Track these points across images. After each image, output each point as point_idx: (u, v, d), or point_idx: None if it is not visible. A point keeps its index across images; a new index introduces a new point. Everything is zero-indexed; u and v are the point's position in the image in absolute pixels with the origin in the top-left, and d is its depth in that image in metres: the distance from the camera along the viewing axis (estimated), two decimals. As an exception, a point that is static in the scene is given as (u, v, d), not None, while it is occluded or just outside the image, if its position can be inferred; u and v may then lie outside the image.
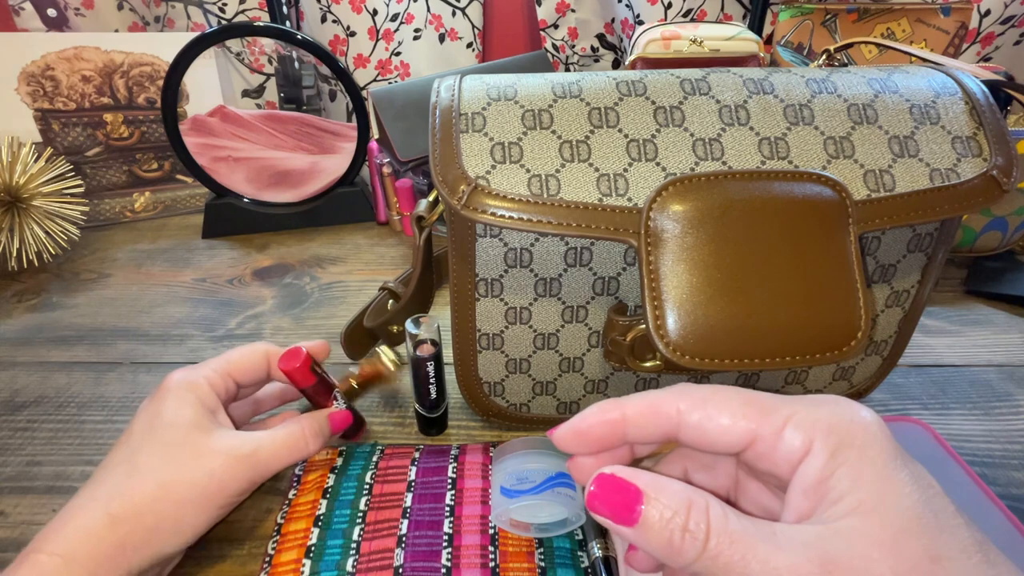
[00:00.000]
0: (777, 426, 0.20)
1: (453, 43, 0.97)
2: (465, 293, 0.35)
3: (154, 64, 0.72)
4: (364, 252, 0.67)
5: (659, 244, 0.30)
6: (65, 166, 0.65)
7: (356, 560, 0.30)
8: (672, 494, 0.19)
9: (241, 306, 0.57)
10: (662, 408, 0.22)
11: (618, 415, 0.22)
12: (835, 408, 0.20)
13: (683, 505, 0.19)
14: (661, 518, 0.19)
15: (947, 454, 0.37)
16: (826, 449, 0.19)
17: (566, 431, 0.23)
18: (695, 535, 0.19)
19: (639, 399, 0.22)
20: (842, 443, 0.19)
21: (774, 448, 0.20)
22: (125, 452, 0.31)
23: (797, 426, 0.20)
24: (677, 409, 0.21)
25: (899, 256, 0.36)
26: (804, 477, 0.20)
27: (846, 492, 0.19)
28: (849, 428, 0.20)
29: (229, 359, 0.36)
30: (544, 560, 0.30)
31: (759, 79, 0.33)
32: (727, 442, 0.21)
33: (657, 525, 0.19)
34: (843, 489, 0.19)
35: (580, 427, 0.23)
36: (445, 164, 0.31)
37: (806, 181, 0.31)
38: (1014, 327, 0.51)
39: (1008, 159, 0.32)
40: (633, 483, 0.20)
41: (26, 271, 0.63)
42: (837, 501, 0.19)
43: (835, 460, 0.19)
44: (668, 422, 0.22)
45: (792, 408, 0.20)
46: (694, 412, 0.21)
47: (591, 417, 0.23)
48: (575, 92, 0.32)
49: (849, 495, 0.19)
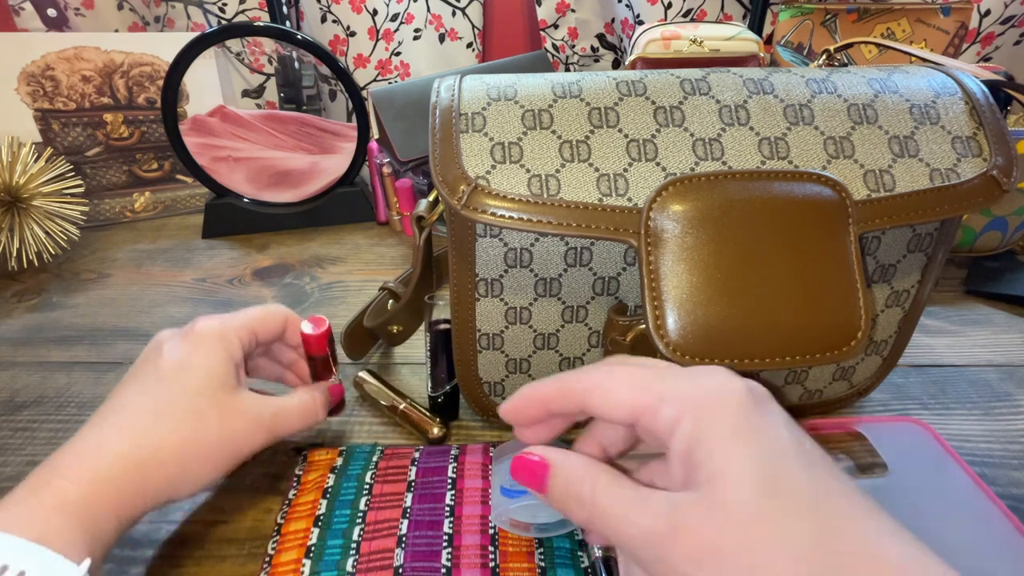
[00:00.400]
0: (654, 403, 0.23)
1: (453, 43, 0.97)
2: (465, 293, 0.35)
3: (154, 64, 0.72)
4: (364, 252, 0.67)
5: (659, 244, 0.30)
6: (65, 166, 0.65)
7: (356, 560, 0.30)
8: (570, 468, 0.24)
9: (241, 306, 0.56)
10: (571, 391, 0.25)
11: (540, 398, 0.26)
12: (704, 381, 0.23)
13: (576, 476, 0.24)
14: (559, 487, 0.24)
15: (947, 454, 0.37)
16: (690, 423, 0.22)
17: (505, 411, 0.27)
18: (581, 502, 0.23)
19: (555, 382, 0.26)
20: (702, 417, 0.22)
21: (654, 422, 0.23)
22: (152, 392, 0.30)
23: (670, 403, 0.23)
24: (583, 389, 0.25)
25: (899, 256, 0.36)
26: (676, 449, 0.22)
27: (703, 462, 0.21)
28: (709, 402, 0.22)
29: (254, 316, 0.36)
30: (544, 560, 0.30)
31: (759, 79, 0.33)
32: (620, 417, 0.24)
33: (557, 492, 0.24)
34: (700, 459, 0.21)
35: (514, 408, 0.27)
36: (445, 164, 0.31)
37: (806, 181, 0.31)
38: (1014, 327, 0.51)
39: (1008, 159, 0.32)
40: (542, 458, 0.25)
41: (26, 271, 0.63)
42: (698, 469, 0.21)
43: (696, 434, 0.22)
44: (576, 401, 0.25)
45: (669, 385, 0.23)
46: (592, 392, 0.25)
47: (518, 399, 0.27)
48: (575, 92, 0.32)
49: (705, 465, 0.21)
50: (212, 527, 0.34)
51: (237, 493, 0.36)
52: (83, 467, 0.27)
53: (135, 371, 0.32)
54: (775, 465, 0.21)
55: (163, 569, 0.32)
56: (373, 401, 0.42)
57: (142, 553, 0.33)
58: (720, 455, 0.21)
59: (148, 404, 0.30)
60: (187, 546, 0.33)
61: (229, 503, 0.36)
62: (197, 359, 0.32)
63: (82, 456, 0.27)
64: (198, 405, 0.30)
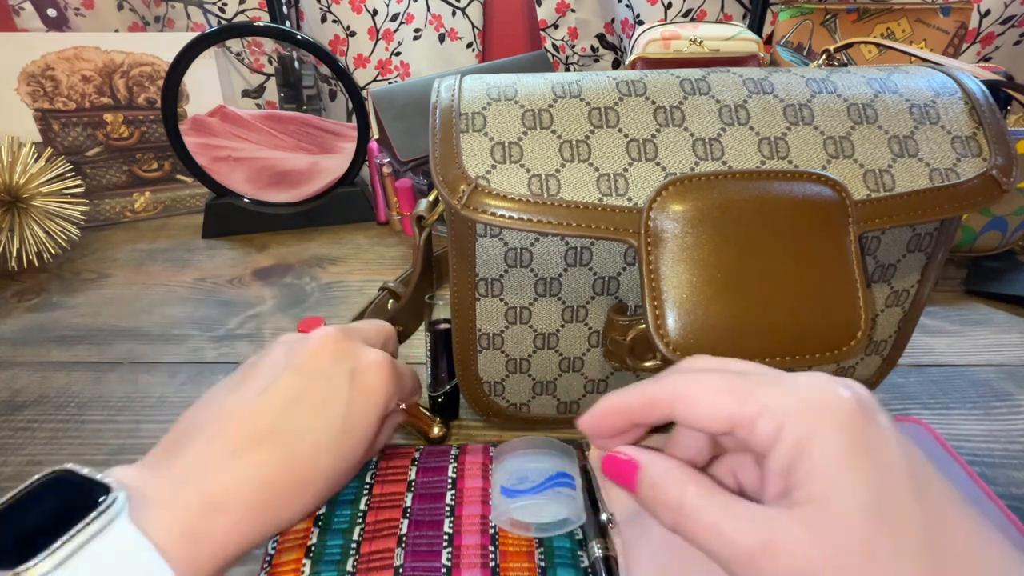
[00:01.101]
0: (752, 413, 0.22)
1: (453, 43, 0.97)
2: (465, 293, 0.35)
3: (154, 64, 0.72)
4: (364, 252, 0.67)
5: (659, 244, 0.30)
6: (65, 166, 0.65)
7: (356, 560, 0.30)
8: (659, 469, 0.23)
9: (241, 306, 0.57)
10: (656, 400, 0.24)
11: (623, 409, 0.25)
12: (809, 394, 0.21)
13: (665, 481, 0.23)
14: (648, 488, 0.23)
15: (947, 454, 0.37)
16: (791, 438, 0.20)
17: (584, 424, 0.27)
18: (668, 506, 0.22)
19: (636, 392, 0.25)
20: (805, 432, 0.20)
21: (751, 434, 0.22)
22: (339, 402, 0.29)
23: (769, 414, 0.21)
24: (668, 400, 0.24)
25: (899, 256, 0.36)
26: (774, 462, 0.21)
27: (804, 481, 0.20)
28: (816, 417, 0.20)
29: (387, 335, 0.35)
30: (544, 560, 0.30)
31: (759, 79, 0.33)
32: (714, 427, 0.23)
33: (646, 493, 0.24)
34: (802, 478, 0.20)
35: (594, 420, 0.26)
36: (445, 164, 0.31)
37: (806, 181, 0.31)
38: (1014, 327, 0.51)
39: (1008, 159, 0.32)
40: (633, 459, 0.24)
41: (26, 271, 0.63)
42: (798, 487, 0.20)
43: (799, 448, 0.20)
44: (663, 411, 0.24)
45: (768, 395, 0.22)
46: (679, 402, 0.23)
47: (600, 411, 0.26)
48: (575, 92, 0.32)
49: (806, 484, 0.20)
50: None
51: (237, 493, 0.36)
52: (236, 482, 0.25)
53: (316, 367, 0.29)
54: (887, 488, 0.19)
55: (163, 569, 0.32)
56: None
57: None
58: (826, 474, 0.19)
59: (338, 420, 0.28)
60: (187, 546, 0.33)
61: (229, 503, 0.36)
62: (381, 388, 0.30)
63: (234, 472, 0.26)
64: (364, 433, 0.30)
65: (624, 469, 0.24)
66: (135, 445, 0.40)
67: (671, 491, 0.22)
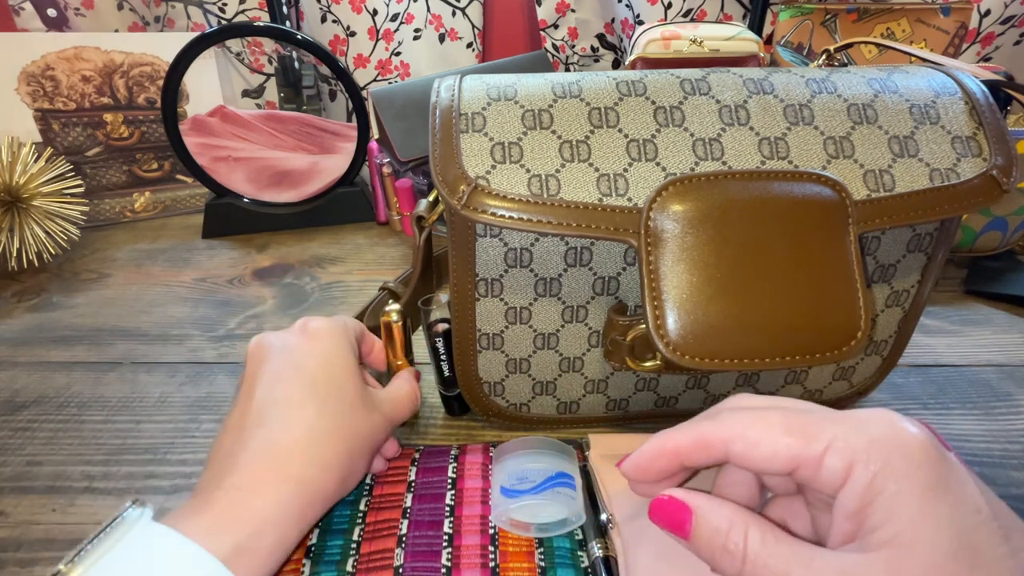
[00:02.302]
0: (818, 452, 0.21)
1: (453, 43, 0.97)
2: (465, 293, 0.35)
3: (154, 64, 0.72)
4: (364, 252, 0.67)
5: (659, 244, 0.30)
6: (65, 166, 0.65)
7: (356, 560, 0.30)
8: (717, 516, 0.22)
9: (241, 306, 0.57)
10: (709, 442, 0.23)
11: (672, 451, 0.24)
12: (878, 432, 0.20)
13: (724, 525, 0.21)
14: (705, 535, 0.22)
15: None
16: (865, 477, 0.19)
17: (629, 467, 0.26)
18: (733, 555, 0.21)
19: (688, 433, 0.24)
20: (881, 471, 0.19)
21: (817, 473, 0.21)
22: (313, 402, 0.29)
23: (837, 452, 0.20)
24: (723, 440, 0.23)
25: (899, 256, 0.36)
26: (845, 503, 0.20)
27: (883, 522, 0.19)
28: (890, 455, 0.20)
29: (349, 319, 0.36)
30: (544, 560, 0.30)
31: (759, 79, 0.33)
32: (773, 468, 0.22)
33: (702, 540, 0.22)
34: (880, 519, 0.19)
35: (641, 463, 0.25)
36: (445, 164, 0.31)
37: (806, 181, 0.31)
38: (1014, 327, 0.51)
39: (1008, 159, 0.32)
40: (686, 503, 0.23)
41: (26, 271, 0.63)
42: (875, 530, 0.19)
43: (873, 489, 0.19)
44: (717, 452, 0.23)
45: (834, 432, 0.21)
46: (737, 443, 0.22)
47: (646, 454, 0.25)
48: (575, 92, 0.32)
49: (886, 526, 0.19)
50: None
51: (237, 493, 0.36)
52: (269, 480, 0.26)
53: (273, 371, 0.30)
54: (971, 530, 0.18)
55: (163, 569, 0.32)
56: None
57: (142, 553, 0.33)
58: (907, 516, 0.19)
59: (314, 419, 0.28)
60: (187, 546, 0.33)
61: (229, 503, 0.36)
62: (337, 355, 0.31)
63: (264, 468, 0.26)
64: (351, 408, 0.30)
65: (676, 514, 0.23)
66: (135, 445, 0.40)
67: (733, 536, 0.21)
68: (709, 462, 0.24)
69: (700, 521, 0.22)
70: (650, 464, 0.25)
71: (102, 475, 0.38)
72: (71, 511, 0.36)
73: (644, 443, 0.25)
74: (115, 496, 0.37)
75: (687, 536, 0.22)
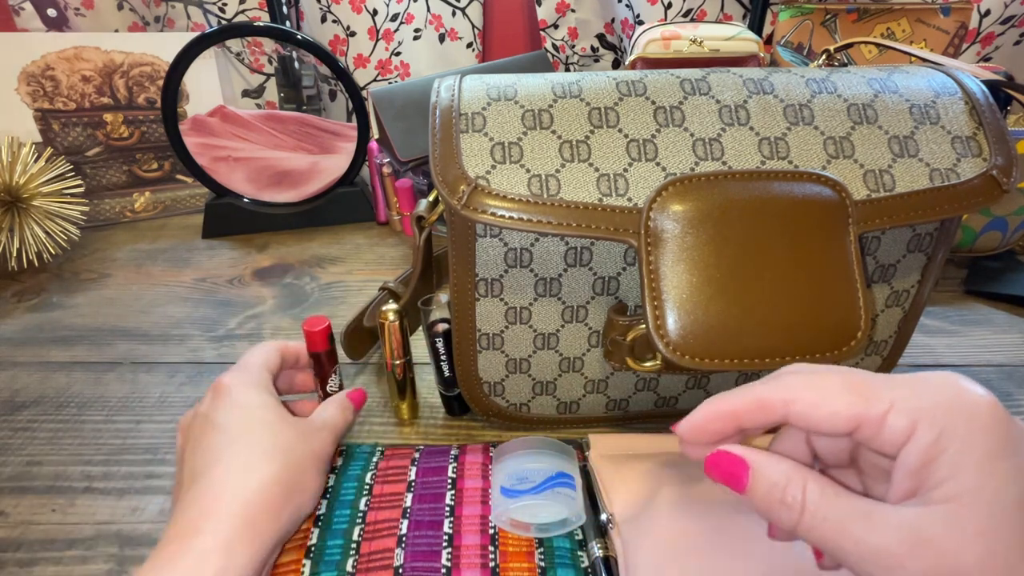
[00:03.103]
0: (881, 411, 0.21)
1: (453, 43, 0.97)
2: (465, 293, 0.35)
3: (154, 64, 0.72)
4: (364, 252, 0.67)
5: (659, 244, 0.30)
6: (65, 166, 0.65)
7: (356, 560, 0.30)
8: (774, 469, 0.22)
9: (241, 306, 0.57)
10: (769, 402, 0.23)
11: (730, 410, 0.24)
12: (944, 393, 0.21)
13: (782, 479, 0.22)
14: (763, 488, 0.22)
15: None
16: (929, 435, 0.20)
17: (687, 427, 0.25)
18: (791, 507, 0.21)
19: (746, 394, 0.24)
20: (945, 430, 0.20)
21: (878, 432, 0.21)
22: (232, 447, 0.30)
23: (901, 411, 0.21)
24: (783, 400, 0.23)
25: (899, 256, 0.36)
26: (907, 460, 0.20)
27: (946, 478, 0.19)
28: (954, 414, 0.20)
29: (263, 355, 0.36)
30: (544, 560, 0.30)
31: (759, 79, 0.33)
32: (832, 427, 0.22)
33: (759, 493, 0.22)
34: (943, 475, 0.19)
35: (698, 423, 0.25)
36: (445, 164, 0.31)
37: (806, 181, 0.31)
38: (1014, 327, 0.51)
39: (1008, 159, 0.32)
40: (742, 457, 0.23)
41: (26, 271, 0.63)
42: (937, 486, 0.19)
43: (937, 446, 0.20)
44: (775, 414, 0.23)
45: (897, 392, 0.21)
46: (798, 403, 0.22)
47: (702, 415, 0.25)
48: (575, 92, 0.32)
49: (949, 481, 0.19)
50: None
51: (237, 493, 0.36)
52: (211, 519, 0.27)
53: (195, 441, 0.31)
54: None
55: (163, 569, 0.32)
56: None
57: (143, 553, 0.33)
58: (971, 472, 0.19)
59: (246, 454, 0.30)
60: (187, 546, 0.33)
61: (229, 503, 0.36)
62: (246, 398, 0.33)
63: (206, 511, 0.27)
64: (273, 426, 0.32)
65: (732, 467, 0.23)
66: (135, 445, 0.40)
67: (791, 489, 0.21)
68: (766, 424, 0.24)
69: (757, 475, 0.22)
70: (706, 425, 0.25)
71: (102, 475, 0.38)
72: (71, 511, 0.36)
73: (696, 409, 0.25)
74: (115, 496, 0.37)
75: (743, 489, 0.23)
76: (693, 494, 0.32)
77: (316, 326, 0.37)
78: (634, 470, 0.34)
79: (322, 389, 0.38)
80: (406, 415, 0.42)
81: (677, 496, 0.32)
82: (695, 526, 0.30)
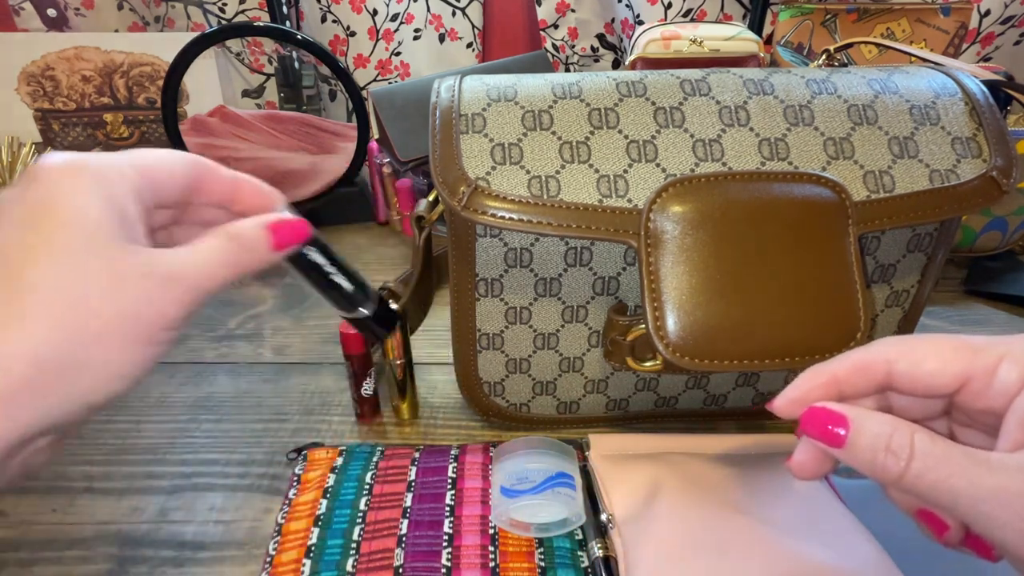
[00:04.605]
0: (991, 363, 0.21)
1: (453, 43, 0.97)
2: (465, 293, 0.35)
3: (154, 64, 0.72)
4: (364, 252, 0.67)
5: (659, 245, 0.30)
6: (65, 166, 0.64)
7: (356, 560, 0.30)
8: (876, 420, 0.21)
9: (241, 306, 0.57)
10: (871, 363, 0.23)
11: (829, 378, 0.23)
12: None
13: (887, 428, 0.21)
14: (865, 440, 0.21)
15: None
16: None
17: (784, 401, 0.24)
18: (898, 454, 0.20)
19: (846, 360, 0.23)
20: None
21: (988, 385, 0.21)
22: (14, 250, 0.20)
23: (1014, 361, 0.21)
24: (886, 360, 0.23)
25: (899, 256, 0.36)
26: (1020, 408, 0.20)
27: None
28: None
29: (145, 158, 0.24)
30: (544, 560, 0.30)
31: (759, 80, 0.33)
32: (940, 384, 0.22)
33: (861, 445, 0.21)
34: None
35: (796, 395, 0.24)
36: (445, 165, 0.31)
37: (806, 182, 0.31)
38: (1014, 327, 0.51)
39: (1008, 159, 0.32)
40: (842, 411, 0.22)
41: (26, 271, 0.63)
42: None
43: None
44: (878, 375, 0.23)
45: (1006, 346, 0.21)
46: (902, 361, 0.22)
47: (805, 384, 0.24)
48: (575, 93, 0.32)
49: None
50: (212, 527, 0.34)
51: (237, 493, 0.36)
52: None
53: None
54: None
55: (164, 569, 0.32)
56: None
57: (143, 553, 0.33)
58: None
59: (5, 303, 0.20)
60: (188, 546, 0.33)
61: (229, 503, 0.36)
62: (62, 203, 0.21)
63: None
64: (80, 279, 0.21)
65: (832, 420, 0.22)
66: (135, 445, 0.40)
67: (897, 439, 0.21)
68: (868, 388, 0.23)
69: (858, 427, 0.22)
70: (806, 395, 0.24)
71: (102, 475, 0.38)
72: (71, 511, 0.36)
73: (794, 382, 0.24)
74: (115, 496, 0.37)
75: (842, 444, 0.22)
76: (693, 494, 0.32)
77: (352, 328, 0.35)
78: (634, 470, 0.34)
79: (356, 392, 0.38)
80: (406, 415, 0.42)
81: (677, 496, 0.32)
82: (695, 526, 0.30)
